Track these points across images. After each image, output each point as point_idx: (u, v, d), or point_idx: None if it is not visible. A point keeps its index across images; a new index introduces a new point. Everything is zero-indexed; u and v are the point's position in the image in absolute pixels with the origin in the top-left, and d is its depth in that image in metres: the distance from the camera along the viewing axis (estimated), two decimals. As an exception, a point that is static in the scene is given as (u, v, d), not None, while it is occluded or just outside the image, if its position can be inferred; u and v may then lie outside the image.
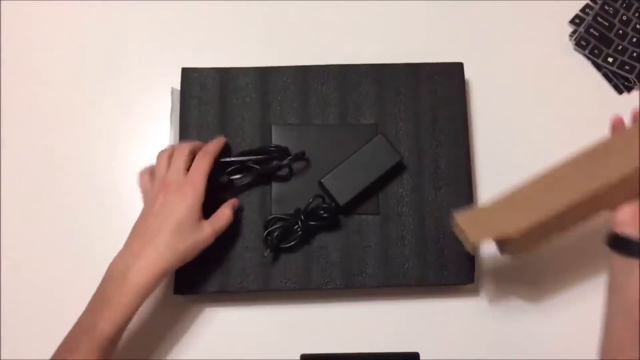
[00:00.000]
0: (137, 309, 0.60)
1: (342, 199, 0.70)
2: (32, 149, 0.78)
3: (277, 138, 0.74)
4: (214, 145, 0.69)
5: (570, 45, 0.83)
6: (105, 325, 0.58)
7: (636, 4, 0.84)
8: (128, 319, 0.59)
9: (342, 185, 0.70)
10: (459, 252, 0.72)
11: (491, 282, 0.75)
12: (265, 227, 0.70)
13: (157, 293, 0.73)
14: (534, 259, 0.75)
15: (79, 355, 0.57)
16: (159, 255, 0.61)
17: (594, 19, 0.83)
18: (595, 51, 0.82)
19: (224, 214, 0.68)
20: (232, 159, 0.71)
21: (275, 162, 0.71)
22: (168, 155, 0.67)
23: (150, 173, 0.67)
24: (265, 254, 0.70)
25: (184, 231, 0.62)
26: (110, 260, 0.75)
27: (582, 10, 0.84)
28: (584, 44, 0.82)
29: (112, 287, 0.60)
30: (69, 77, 0.81)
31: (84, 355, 0.57)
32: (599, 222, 0.69)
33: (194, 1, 0.83)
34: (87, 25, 0.83)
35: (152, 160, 0.78)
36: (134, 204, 0.77)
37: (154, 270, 0.60)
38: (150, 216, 0.62)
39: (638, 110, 0.66)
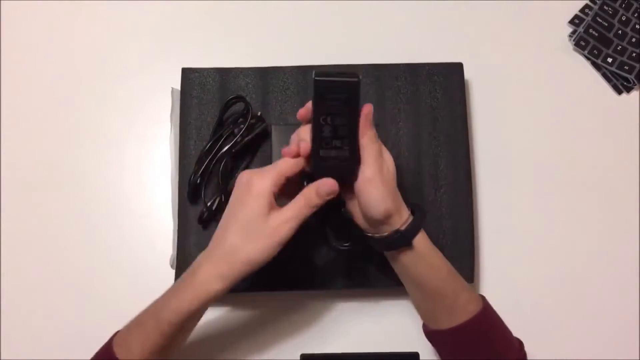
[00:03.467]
0: (201, 305, 0.59)
1: None
2: (32, 150, 0.78)
3: (277, 138, 0.74)
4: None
5: (569, 45, 0.83)
6: (168, 313, 0.59)
7: (635, 4, 0.84)
8: (192, 312, 0.59)
9: None
10: (459, 251, 0.72)
11: (491, 282, 0.75)
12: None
13: (156, 293, 0.73)
14: (534, 260, 0.76)
15: (144, 333, 0.59)
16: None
17: (594, 19, 0.83)
18: (595, 51, 0.82)
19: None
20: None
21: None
22: None
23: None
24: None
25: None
26: (109, 260, 0.75)
27: (582, 10, 0.84)
28: (584, 44, 0.82)
29: (184, 277, 0.60)
30: (69, 78, 0.81)
31: (147, 335, 0.59)
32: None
33: (194, 1, 0.83)
34: (87, 25, 0.82)
35: (151, 160, 0.78)
36: (135, 204, 0.77)
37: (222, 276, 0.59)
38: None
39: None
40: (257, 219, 0.58)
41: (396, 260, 0.64)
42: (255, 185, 0.58)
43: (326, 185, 0.59)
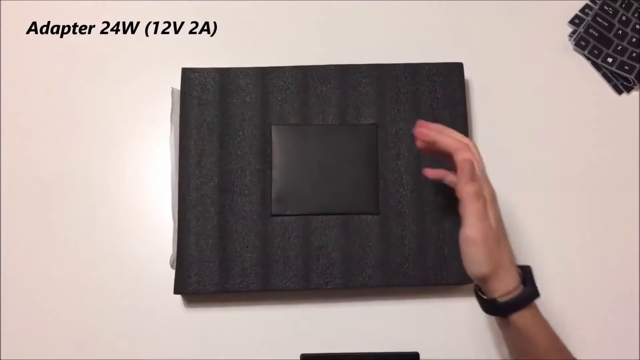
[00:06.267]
0: None
1: None
2: (32, 150, 0.78)
3: (277, 138, 0.74)
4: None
5: (569, 45, 0.83)
6: None
7: (635, 4, 0.84)
8: None
9: None
10: (459, 251, 0.72)
11: (491, 282, 0.75)
12: None
13: (156, 293, 0.73)
14: (533, 259, 0.76)
15: None
16: None
17: (594, 19, 0.83)
18: (595, 51, 0.82)
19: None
20: None
21: None
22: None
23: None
24: None
25: None
26: (109, 260, 0.75)
27: (582, 10, 0.84)
28: (584, 44, 0.82)
29: None
30: (69, 78, 0.81)
31: None
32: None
33: (193, 1, 0.83)
34: (87, 25, 0.82)
35: (151, 160, 0.78)
36: (135, 204, 0.77)
37: None
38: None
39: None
40: None
41: (499, 324, 0.62)
42: None
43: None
